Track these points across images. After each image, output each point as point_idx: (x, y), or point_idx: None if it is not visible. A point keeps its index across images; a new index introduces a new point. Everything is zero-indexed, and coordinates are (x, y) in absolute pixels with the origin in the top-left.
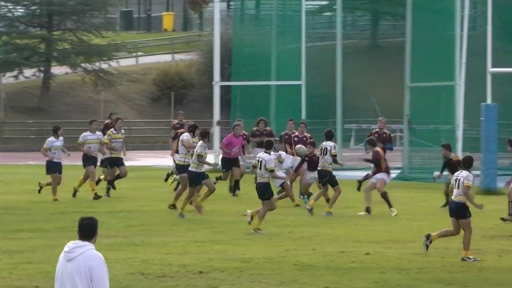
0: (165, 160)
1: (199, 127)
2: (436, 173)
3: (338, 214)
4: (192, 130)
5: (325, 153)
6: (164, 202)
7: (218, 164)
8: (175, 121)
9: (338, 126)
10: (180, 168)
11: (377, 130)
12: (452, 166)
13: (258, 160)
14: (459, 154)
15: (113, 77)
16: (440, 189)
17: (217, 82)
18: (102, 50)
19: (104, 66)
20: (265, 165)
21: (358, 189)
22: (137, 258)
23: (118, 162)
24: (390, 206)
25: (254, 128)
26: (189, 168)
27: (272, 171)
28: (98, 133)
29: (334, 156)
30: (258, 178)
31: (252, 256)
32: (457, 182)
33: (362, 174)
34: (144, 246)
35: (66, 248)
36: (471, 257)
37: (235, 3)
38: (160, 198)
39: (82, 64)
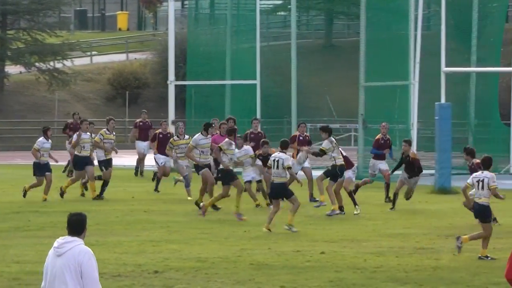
0: (121, 159)
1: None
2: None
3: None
4: (205, 129)
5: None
6: (119, 202)
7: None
8: (138, 120)
9: (293, 125)
10: (197, 168)
11: (381, 136)
12: (408, 163)
13: (273, 160)
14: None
15: (68, 77)
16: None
17: (172, 82)
18: (57, 50)
19: (58, 65)
20: (282, 164)
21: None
22: None
23: (108, 163)
24: (355, 204)
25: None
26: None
27: (289, 168)
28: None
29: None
30: (274, 178)
31: (208, 256)
32: (481, 183)
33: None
34: (99, 246)
35: (55, 244)
36: (488, 255)
37: (190, 3)
38: (115, 197)
39: (37, 64)
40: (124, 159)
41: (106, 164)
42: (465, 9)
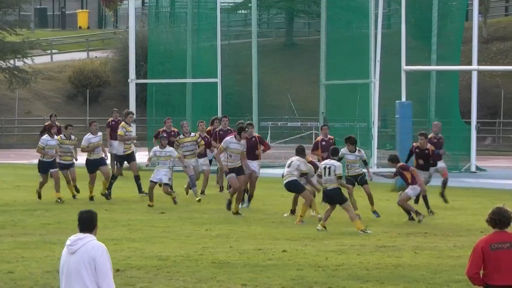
0: (80, 158)
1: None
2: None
3: (255, 211)
4: (239, 132)
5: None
6: (80, 200)
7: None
8: (110, 119)
9: (254, 124)
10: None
11: (433, 135)
12: (425, 156)
13: (325, 167)
14: (374, 152)
15: (28, 75)
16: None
17: (133, 80)
18: (17, 48)
19: (19, 63)
20: (334, 171)
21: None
22: (54, 256)
23: (130, 157)
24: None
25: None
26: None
27: (340, 177)
28: (100, 133)
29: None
30: (327, 184)
31: (169, 254)
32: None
33: (278, 172)
34: (60, 244)
35: (68, 242)
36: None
37: (150, 1)
38: (77, 195)
39: None
40: (83, 158)
41: (127, 159)
42: (425, 7)
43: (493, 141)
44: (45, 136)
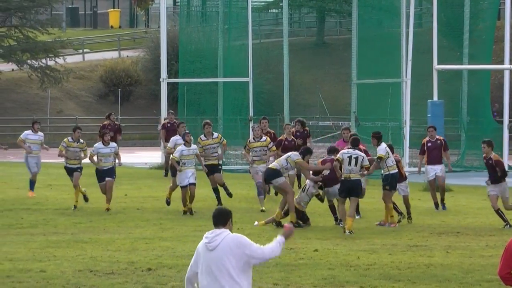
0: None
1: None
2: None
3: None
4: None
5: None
6: (112, 199)
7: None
8: (166, 121)
9: (285, 123)
10: None
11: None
12: (490, 167)
13: (350, 157)
14: (406, 151)
15: (60, 74)
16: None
17: (164, 79)
18: (48, 47)
19: (50, 63)
20: (362, 162)
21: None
22: (85, 255)
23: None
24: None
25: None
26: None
27: (368, 168)
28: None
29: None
30: (348, 174)
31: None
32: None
33: None
34: (92, 243)
35: (205, 240)
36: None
37: (181, 0)
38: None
39: (28, 61)
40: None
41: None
42: (457, 6)
43: None
44: (98, 144)
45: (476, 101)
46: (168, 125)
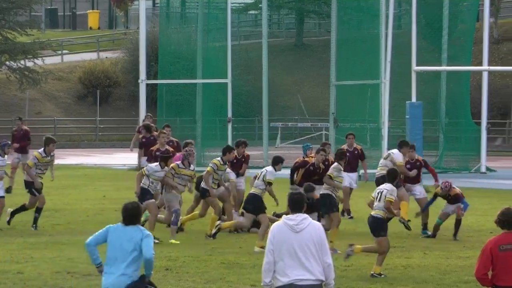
0: (91, 158)
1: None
2: None
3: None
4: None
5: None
6: (90, 201)
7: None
8: (141, 136)
9: (264, 124)
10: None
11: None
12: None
13: (378, 192)
14: (384, 152)
15: (38, 75)
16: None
17: (143, 80)
18: (27, 48)
19: (29, 64)
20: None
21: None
22: (63, 256)
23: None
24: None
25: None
26: None
27: (391, 202)
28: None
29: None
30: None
31: (179, 255)
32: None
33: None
34: (70, 245)
35: (290, 222)
36: (382, 273)
37: (161, 1)
38: (86, 197)
39: (7, 62)
40: (94, 158)
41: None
42: (436, 8)
43: (504, 141)
44: (154, 165)
45: (455, 103)
46: (143, 140)
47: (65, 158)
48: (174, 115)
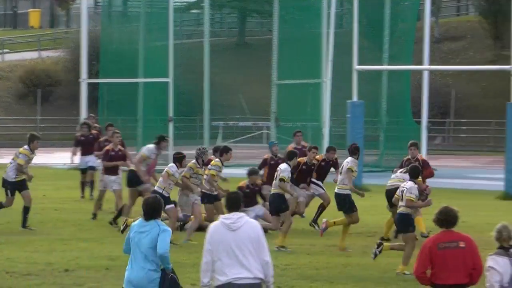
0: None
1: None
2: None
3: None
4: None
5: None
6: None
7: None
8: (79, 134)
9: (205, 123)
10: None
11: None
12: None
13: (401, 190)
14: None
15: None
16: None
17: (84, 80)
18: None
19: None
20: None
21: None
22: (2, 256)
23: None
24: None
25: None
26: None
27: (412, 200)
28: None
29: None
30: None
31: (119, 254)
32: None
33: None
34: (9, 244)
35: (226, 221)
36: (406, 272)
37: (103, 0)
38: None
39: None
40: (34, 158)
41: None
42: (377, 7)
43: (443, 140)
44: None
45: (396, 102)
46: (82, 138)
47: (4, 157)
48: (115, 115)
